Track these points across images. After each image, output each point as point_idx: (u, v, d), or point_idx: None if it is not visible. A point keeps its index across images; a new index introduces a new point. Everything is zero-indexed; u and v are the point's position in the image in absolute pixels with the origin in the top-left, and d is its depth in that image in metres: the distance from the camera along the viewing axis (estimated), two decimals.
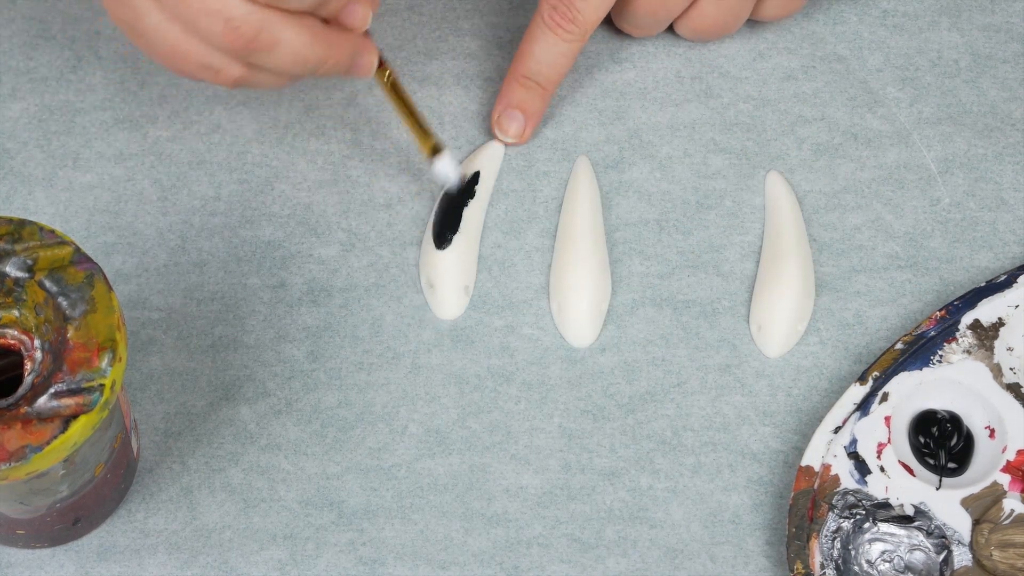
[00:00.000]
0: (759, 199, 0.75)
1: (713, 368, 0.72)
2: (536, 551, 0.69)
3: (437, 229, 0.73)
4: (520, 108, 0.74)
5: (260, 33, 0.62)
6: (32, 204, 0.73)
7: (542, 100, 0.74)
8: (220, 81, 0.64)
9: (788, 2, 0.75)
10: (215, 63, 0.63)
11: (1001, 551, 0.67)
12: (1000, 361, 0.70)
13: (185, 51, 0.63)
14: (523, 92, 0.74)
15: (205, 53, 0.63)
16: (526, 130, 0.75)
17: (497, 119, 0.74)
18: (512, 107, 0.74)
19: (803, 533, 0.67)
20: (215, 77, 0.64)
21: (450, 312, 0.72)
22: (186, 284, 0.72)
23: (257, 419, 0.70)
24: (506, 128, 0.74)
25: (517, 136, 0.75)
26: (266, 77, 0.65)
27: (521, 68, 0.74)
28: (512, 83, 0.74)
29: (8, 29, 0.76)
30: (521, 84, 0.74)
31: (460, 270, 0.72)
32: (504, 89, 0.74)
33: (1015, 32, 0.78)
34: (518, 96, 0.74)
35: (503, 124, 0.74)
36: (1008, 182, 0.76)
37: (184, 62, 0.63)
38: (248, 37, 0.62)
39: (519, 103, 0.74)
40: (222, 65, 0.63)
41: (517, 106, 0.74)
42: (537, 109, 0.74)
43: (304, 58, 0.64)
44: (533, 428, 0.71)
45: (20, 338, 0.59)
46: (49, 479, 0.60)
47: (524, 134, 0.75)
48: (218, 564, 0.68)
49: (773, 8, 0.76)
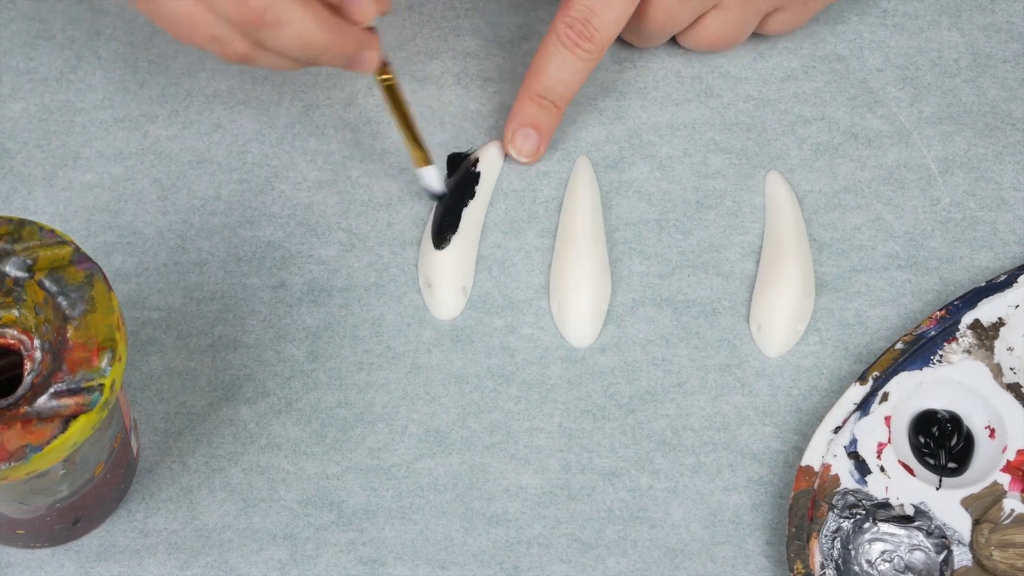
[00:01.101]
0: (759, 199, 0.75)
1: (713, 368, 0.72)
2: (536, 551, 0.69)
3: (436, 229, 0.73)
4: (534, 126, 0.74)
5: (268, 11, 0.63)
6: (32, 204, 0.73)
7: (556, 118, 0.74)
8: (225, 54, 0.65)
9: (793, 18, 0.75)
10: (223, 35, 0.64)
11: (1001, 551, 0.67)
12: (1000, 361, 0.70)
13: (195, 20, 0.64)
14: (537, 110, 0.73)
15: (214, 24, 0.64)
16: (540, 148, 0.74)
17: (511, 138, 0.74)
18: (526, 125, 0.74)
19: (803, 533, 0.67)
20: (221, 49, 0.65)
21: (447, 312, 0.72)
22: (186, 284, 0.72)
23: (257, 419, 0.70)
24: (520, 147, 0.74)
25: (531, 155, 0.74)
26: (270, 58, 0.66)
27: (535, 86, 0.73)
28: (525, 101, 0.73)
29: (8, 29, 0.76)
30: (535, 102, 0.73)
31: (458, 270, 0.72)
32: (517, 107, 0.74)
33: (1015, 32, 0.78)
34: (532, 114, 0.73)
35: (517, 143, 0.74)
36: (1008, 182, 0.76)
37: (192, 31, 0.64)
38: (256, 12, 0.63)
39: (533, 121, 0.73)
40: (229, 38, 0.64)
41: (531, 124, 0.74)
42: (551, 127, 0.74)
43: (308, 42, 0.64)
44: (533, 428, 0.71)
45: (20, 338, 0.59)
46: (49, 479, 0.60)
47: (538, 152, 0.74)
48: (218, 564, 0.68)
49: (778, 24, 0.76)
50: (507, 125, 0.74)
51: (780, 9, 0.75)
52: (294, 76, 0.76)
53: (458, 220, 0.73)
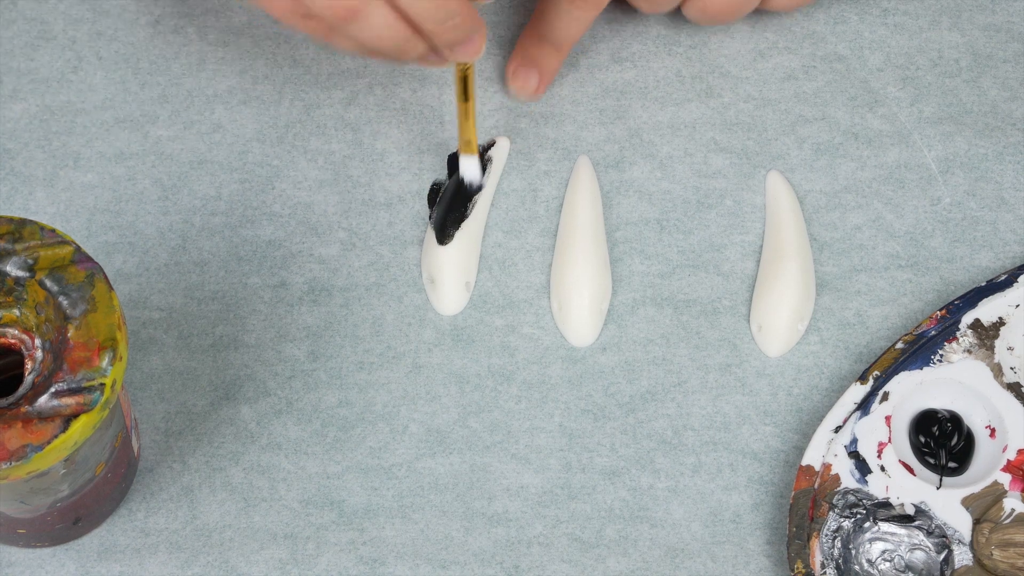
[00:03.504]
0: (760, 198, 0.75)
1: (714, 367, 0.72)
2: (536, 550, 0.69)
3: (439, 225, 0.73)
4: (536, 65, 0.74)
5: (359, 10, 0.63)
6: (33, 204, 0.73)
7: (557, 60, 0.74)
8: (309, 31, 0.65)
9: None
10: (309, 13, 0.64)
11: (1001, 550, 0.67)
12: (1001, 360, 0.70)
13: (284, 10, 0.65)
14: (538, 50, 0.74)
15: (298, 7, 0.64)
16: (540, 87, 0.74)
17: (512, 73, 0.74)
18: (527, 65, 0.74)
19: (804, 532, 0.67)
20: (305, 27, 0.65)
21: (451, 308, 0.72)
22: (187, 283, 0.72)
23: (258, 418, 0.70)
24: (521, 85, 0.74)
25: (531, 91, 0.74)
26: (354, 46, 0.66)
27: (537, 29, 0.73)
28: (527, 41, 0.74)
29: (9, 30, 0.76)
30: (536, 43, 0.73)
31: (461, 266, 0.72)
32: (519, 45, 0.74)
33: (1015, 32, 0.78)
34: (533, 54, 0.74)
35: (519, 80, 0.74)
36: (1008, 182, 0.76)
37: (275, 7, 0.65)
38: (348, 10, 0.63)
39: (534, 60, 0.74)
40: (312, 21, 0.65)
41: (532, 63, 0.74)
42: (552, 67, 0.74)
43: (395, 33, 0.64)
44: (533, 427, 0.71)
45: (21, 337, 0.59)
46: (50, 478, 0.60)
47: (537, 91, 0.74)
48: (218, 564, 0.68)
49: None
50: (508, 63, 0.74)
51: None
52: (294, 76, 0.76)
53: (462, 216, 0.73)
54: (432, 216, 0.74)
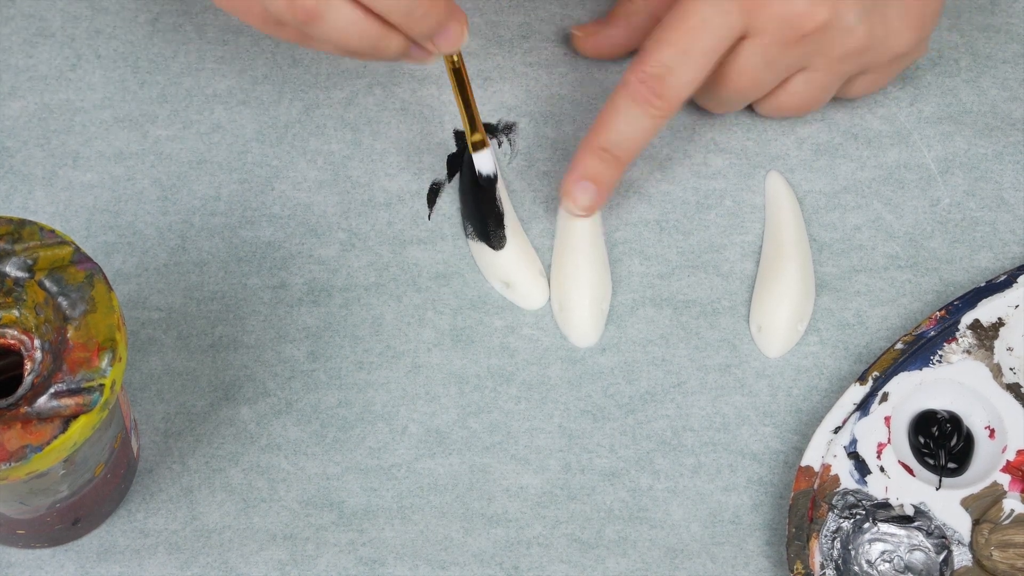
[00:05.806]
0: (759, 199, 0.75)
1: (713, 368, 0.72)
2: (536, 551, 0.69)
3: (483, 233, 0.72)
4: (593, 180, 0.71)
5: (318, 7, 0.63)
6: (32, 203, 0.73)
7: (617, 173, 0.71)
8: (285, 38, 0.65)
9: (877, 80, 0.74)
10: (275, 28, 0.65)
11: (1001, 551, 0.67)
12: (1000, 361, 0.70)
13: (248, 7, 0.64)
14: (598, 164, 0.70)
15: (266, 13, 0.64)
16: (597, 202, 0.71)
17: (569, 189, 0.71)
18: (586, 178, 0.71)
19: (803, 533, 0.67)
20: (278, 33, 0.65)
21: (537, 300, 0.72)
22: (186, 284, 0.72)
23: (257, 419, 0.70)
24: (577, 199, 0.71)
25: (587, 208, 0.71)
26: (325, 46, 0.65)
27: (600, 139, 0.70)
28: (588, 153, 0.71)
29: (8, 27, 0.76)
30: (598, 156, 0.70)
31: (526, 260, 0.72)
32: (578, 158, 0.71)
33: (1015, 32, 0.78)
34: (593, 168, 0.71)
35: (575, 195, 0.71)
36: (1008, 182, 0.76)
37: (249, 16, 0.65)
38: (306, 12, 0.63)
39: (593, 175, 0.71)
40: None
41: (591, 177, 0.71)
42: (611, 182, 0.71)
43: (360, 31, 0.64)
44: (533, 428, 0.71)
45: (20, 338, 0.59)
46: (49, 479, 0.60)
47: (594, 206, 0.71)
48: (218, 564, 0.68)
49: (861, 86, 0.74)
50: (566, 176, 0.71)
51: (865, 72, 0.73)
52: (294, 76, 0.76)
53: (501, 215, 0.73)
54: (468, 231, 0.73)
